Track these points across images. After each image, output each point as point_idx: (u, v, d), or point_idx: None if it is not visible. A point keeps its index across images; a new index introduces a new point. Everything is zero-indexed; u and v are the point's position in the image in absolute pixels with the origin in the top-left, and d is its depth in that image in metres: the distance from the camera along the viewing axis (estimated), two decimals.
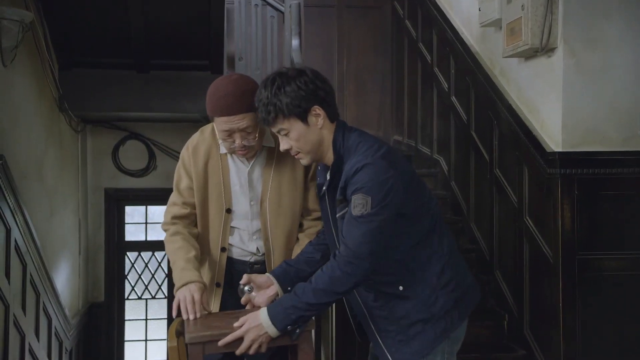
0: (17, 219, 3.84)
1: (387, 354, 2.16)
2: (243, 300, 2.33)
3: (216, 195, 2.50)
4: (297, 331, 2.10)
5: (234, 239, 2.54)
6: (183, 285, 2.29)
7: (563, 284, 3.42)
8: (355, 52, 6.44)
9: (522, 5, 3.53)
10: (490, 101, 4.22)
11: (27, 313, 4.15)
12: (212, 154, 2.51)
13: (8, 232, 3.73)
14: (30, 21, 3.83)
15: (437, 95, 5.27)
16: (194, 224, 2.53)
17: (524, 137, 3.75)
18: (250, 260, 2.55)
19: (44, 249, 4.50)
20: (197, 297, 2.24)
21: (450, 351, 2.20)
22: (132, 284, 7.34)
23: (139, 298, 7.41)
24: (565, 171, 3.42)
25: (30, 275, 4.17)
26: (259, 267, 2.54)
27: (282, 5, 5.18)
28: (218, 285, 2.53)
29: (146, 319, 7.47)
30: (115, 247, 6.79)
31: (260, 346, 2.08)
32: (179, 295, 2.26)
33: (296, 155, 2.18)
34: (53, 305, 4.73)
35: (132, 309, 7.42)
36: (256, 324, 2.06)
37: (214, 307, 2.51)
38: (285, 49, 5.15)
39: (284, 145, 2.16)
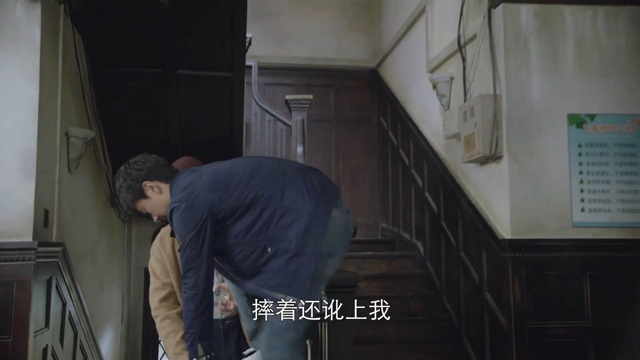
0: (71, 295, 3.88)
1: (293, 295, 2.09)
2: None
3: None
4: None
5: None
6: None
7: (516, 349, 3.45)
8: (350, 156, 6.55)
9: (475, 123, 3.72)
10: (455, 197, 4.34)
11: None
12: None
13: (64, 305, 3.76)
14: (91, 137, 4.01)
15: (414, 191, 5.35)
16: (177, 301, 2.49)
17: (481, 226, 3.85)
18: (221, 317, 2.54)
19: (93, 319, 4.47)
20: None
21: (324, 263, 2.11)
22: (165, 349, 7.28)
23: None
24: (514, 255, 3.50)
25: (80, 341, 4.13)
26: (230, 322, 2.55)
27: (290, 121, 5.38)
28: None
29: None
30: (152, 317, 6.77)
31: None
32: None
33: (165, 220, 2.28)
34: None
35: None
36: None
37: None
38: (292, 154, 5.30)
39: (154, 218, 2.30)
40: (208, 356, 2.10)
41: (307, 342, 3.61)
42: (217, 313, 2.52)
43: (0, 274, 3.10)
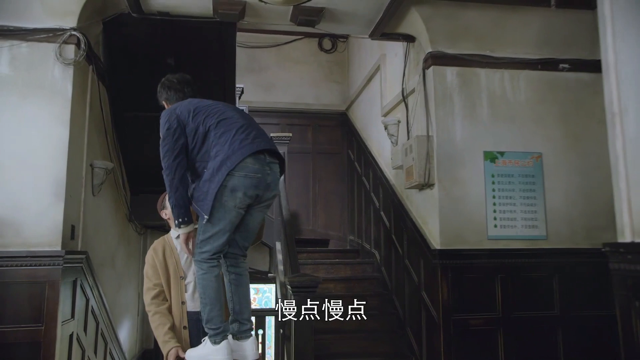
0: (93, 293, 3.95)
1: (202, 211, 2.28)
2: None
3: (173, 269, 2.54)
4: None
5: (188, 294, 2.54)
6: (168, 353, 2.40)
7: (443, 336, 3.61)
8: (324, 181, 6.65)
9: (413, 158, 3.91)
10: (401, 215, 4.50)
11: (98, 356, 4.14)
12: (165, 245, 2.58)
13: (87, 301, 3.84)
14: (111, 168, 4.14)
15: (373, 211, 5.49)
16: (165, 298, 2.52)
17: (420, 239, 4.01)
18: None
19: (113, 312, 4.51)
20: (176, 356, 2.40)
21: (228, 194, 2.24)
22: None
23: None
24: (443, 262, 3.67)
25: (101, 330, 4.19)
26: None
27: None
28: (185, 328, 2.51)
29: None
30: None
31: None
32: None
33: None
34: (117, 350, 4.67)
35: None
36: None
37: (184, 343, 2.48)
38: None
39: None
40: (180, 219, 2.30)
41: (281, 330, 3.80)
42: (198, 306, 2.50)
43: (35, 275, 3.23)
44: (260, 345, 3.61)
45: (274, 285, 6.03)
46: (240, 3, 3.73)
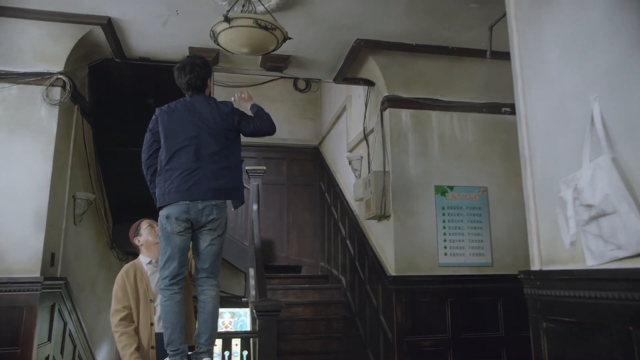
0: (72, 317, 3.96)
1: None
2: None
3: (143, 292, 2.60)
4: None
5: (157, 316, 2.58)
6: None
7: (398, 356, 3.71)
8: (298, 212, 6.72)
9: (371, 191, 4.09)
10: (363, 244, 4.62)
11: None
12: (137, 270, 2.64)
13: (65, 324, 3.84)
14: (93, 199, 4.23)
15: (340, 239, 5.60)
16: (132, 320, 2.54)
17: (378, 266, 4.13)
18: None
19: (91, 336, 4.46)
20: None
21: (165, 220, 2.45)
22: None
23: None
24: (397, 287, 3.80)
25: (79, 352, 4.16)
26: None
27: (249, 185, 5.66)
28: (153, 347, 2.51)
29: None
30: None
31: None
32: None
33: None
34: None
35: None
36: None
37: None
38: (249, 210, 5.54)
39: None
40: (158, 205, 2.52)
41: (244, 353, 3.89)
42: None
43: (14, 300, 3.29)
44: None
45: (249, 309, 6.08)
46: (214, 51, 3.95)
